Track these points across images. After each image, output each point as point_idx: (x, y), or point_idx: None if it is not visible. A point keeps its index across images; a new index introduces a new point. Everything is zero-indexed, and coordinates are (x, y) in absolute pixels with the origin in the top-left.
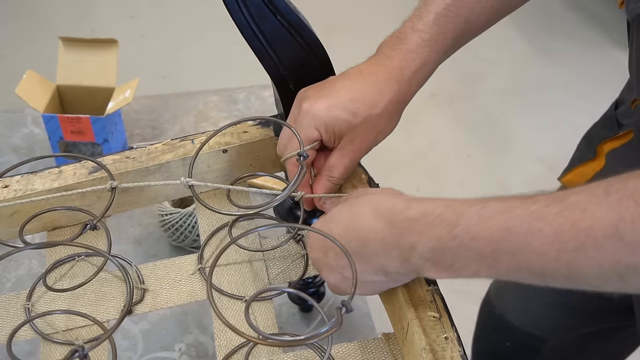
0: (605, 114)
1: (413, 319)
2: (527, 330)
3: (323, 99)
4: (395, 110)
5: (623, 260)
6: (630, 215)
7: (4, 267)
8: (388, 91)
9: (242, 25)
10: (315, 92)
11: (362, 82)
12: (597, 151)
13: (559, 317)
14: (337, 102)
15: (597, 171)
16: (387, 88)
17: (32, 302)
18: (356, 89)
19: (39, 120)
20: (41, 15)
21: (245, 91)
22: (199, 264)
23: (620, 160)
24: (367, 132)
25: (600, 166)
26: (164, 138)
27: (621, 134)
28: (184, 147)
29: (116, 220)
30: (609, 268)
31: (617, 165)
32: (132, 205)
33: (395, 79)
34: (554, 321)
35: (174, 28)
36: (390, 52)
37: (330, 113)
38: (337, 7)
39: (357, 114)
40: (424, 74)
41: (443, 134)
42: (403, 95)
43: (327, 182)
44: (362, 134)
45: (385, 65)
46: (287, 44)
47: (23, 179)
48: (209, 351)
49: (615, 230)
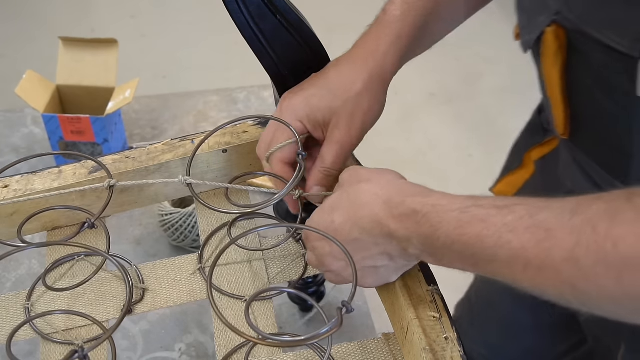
0: (530, 120)
1: (413, 319)
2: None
3: (301, 92)
4: (377, 86)
5: (578, 284)
6: (586, 241)
7: (4, 267)
8: (364, 68)
9: (241, 25)
10: (294, 89)
11: (337, 67)
12: (524, 159)
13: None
14: (315, 91)
15: (526, 179)
16: (363, 66)
17: (32, 302)
18: (332, 74)
19: (39, 120)
20: (41, 15)
21: (245, 91)
22: (199, 263)
23: (549, 167)
24: (351, 115)
25: (529, 173)
26: (164, 138)
27: (548, 140)
28: (184, 147)
29: (116, 220)
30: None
31: (546, 173)
32: (132, 205)
33: (371, 56)
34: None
35: (174, 28)
36: (363, 38)
37: (309, 102)
38: (337, 7)
39: (336, 97)
40: (400, 48)
41: (442, 133)
42: (380, 69)
43: (318, 173)
44: (346, 117)
45: (359, 47)
46: (287, 43)
47: (23, 178)
48: (209, 351)
49: (571, 254)
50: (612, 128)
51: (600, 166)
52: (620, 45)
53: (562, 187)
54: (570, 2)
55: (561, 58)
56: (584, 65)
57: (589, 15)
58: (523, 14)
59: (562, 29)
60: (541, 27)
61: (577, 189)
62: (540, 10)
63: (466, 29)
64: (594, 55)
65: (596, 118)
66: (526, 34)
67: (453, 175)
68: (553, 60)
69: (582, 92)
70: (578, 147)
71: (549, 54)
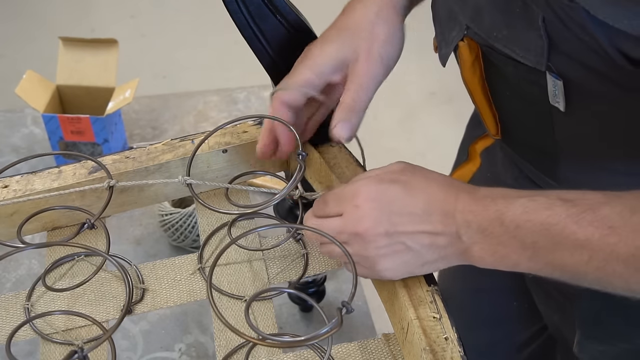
0: (473, 114)
1: (413, 319)
2: None
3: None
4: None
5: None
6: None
7: (4, 267)
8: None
9: (241, 25)
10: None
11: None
12: (470, 152)
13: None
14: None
15: (474, 171)
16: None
17: (32, 302)
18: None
19: (39, 120)
20: (41, 15)
21: (245, 91)
22: (199, 263)
23: (493, 158)
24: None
25: (477, 166)
26: (164, 138)
27: None
28: (184, 147)
29: (116, 220)
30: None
31: (491, 163)
32: (132, 205)
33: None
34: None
35: (174, 28)
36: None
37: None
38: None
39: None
40: None
41: (443, 133)
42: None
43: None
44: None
45: None
46: (287, 43)
47: (23, 179)
48: (209, 351)
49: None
50: (535, 132)
51: (532, 165)
52: (527, 60)
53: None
54: (476, 19)
55: (479, 68)
56: (499, 76)
57: (494, 31)
58: (438, 27)
59: (474, 42)
60: (454, 41)
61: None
62: (452, 24)
63: None
64: (506, 67)
65: (519, 123)
66: (443, 47)
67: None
68: (471, 72)
69: (503, 100)
70: (510, 147)
71: (466, 66)
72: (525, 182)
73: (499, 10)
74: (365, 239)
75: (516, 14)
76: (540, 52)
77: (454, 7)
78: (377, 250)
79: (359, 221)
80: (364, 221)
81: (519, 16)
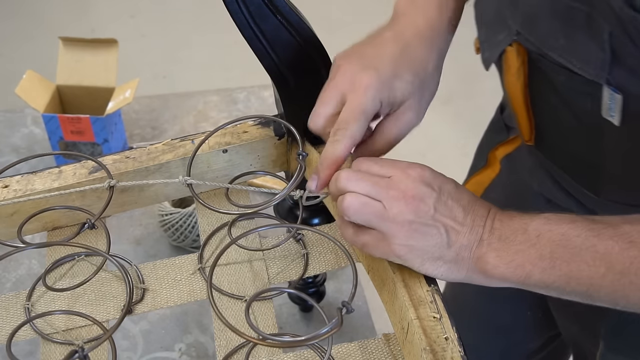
0: (493, 119)
1: (413, 319)
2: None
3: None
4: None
5: None
6: None
7: (4, 267)
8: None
9: (242, 25)
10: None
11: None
12: (489, 158)
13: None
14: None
15: (492, 178)
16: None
17: (32, 302)
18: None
19: (39, 120)
20: (41, 14)
21: (245, 91)
22: (199, 263)
23: (515, 164)
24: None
25: (496, 172)
26: (163, 138)
27: (511, 138)
28: (184, 147)
29: (116, 220)
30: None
31: (513, 171)
32: (132, 205)
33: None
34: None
35: (174, 28)
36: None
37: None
38: (337, 7)
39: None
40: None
41: (442, 133)
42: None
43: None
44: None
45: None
46: (287, 43)
47: (23, 179)
48: (209, 351)
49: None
50: (579, 143)
51: (568, 174)
52: (585, 72)
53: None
54: (531, 26)
55: (523, 74)
56: (547, 84)
57: (549, 40)
58: (482, 29)
59: (523, 47)
60: (502, 45)
61: (545, 191)
62: (500, 28)
63: (466, 28)
64: (557, 77)
65: (562, 132)
66: (486, 50)
67: (452, 175)
68: (515, 77)
69: (546, 108)
70: (544, 154)
71: (511, 72)
72: (554, 188)
73: (558, 19)
74: (409, 204)
75: (577, 25)
76: (600, 65)
77: (503, 11)
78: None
79: (411, 186)
80: (417, 188)
81: (581, 28)
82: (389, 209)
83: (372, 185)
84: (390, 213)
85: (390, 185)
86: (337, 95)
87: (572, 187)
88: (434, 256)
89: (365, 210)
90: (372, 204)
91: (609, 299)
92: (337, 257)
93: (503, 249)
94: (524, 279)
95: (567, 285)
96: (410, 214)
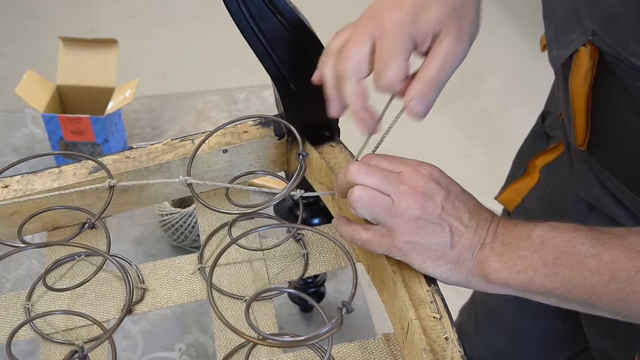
0: (534, 127)
1: (413, 319)
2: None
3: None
4: None
5: None
6: None
7: (4, 267)
8: None
9: (242, 25)
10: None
11: None
12: (528, 167)
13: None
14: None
15: (531, 187)
16: None
17: (32, 302)
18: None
19: (39, 120)
20: (41, 14)
21: (245, 91)
22: (199, 263)
23: (555, 174)
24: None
25: (534, 181)
26: (163, 138)
27: (552, 147)
28: (184, 147)
29: (116, 220)
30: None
31: (552, 181)
32: (133, 205)
33: None
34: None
35: (174, 28)
36: None
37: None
38: (337, 7)
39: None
40: None
41: (442, 133)
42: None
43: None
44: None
45: None
46: (287, 43)
47: (23, 179)
48: (209, 351)
49: None
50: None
51: (620, 181)
52: None
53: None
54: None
55: (591, 76)
56: (618, 88)
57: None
58: (552, 26)
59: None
60: (575, 45)
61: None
62: (573, 26)
63: None
64: (632, 81)
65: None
66: (555, 48)
67: (453, 175)
68: (583, 79)
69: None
70: (596, 159)
71: (580, 73)
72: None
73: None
74: (418, 199)
75: None
76: None
77: (579, 8)
78: (421, 213)
79: (421, 182)
80: (427, 185)
81: None
82: (397, 203)
83: (382, 179)
84: (399, 207)
85: (400, 180)
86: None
87: (622, 194)
88: (436, 255)
89: (374, 204)
90: (381, 197)
91: (611, 308)
92: (337, 257)
93: (506, 254)
94: (526, 284)
95: (568, 293)
96: (418, 209)
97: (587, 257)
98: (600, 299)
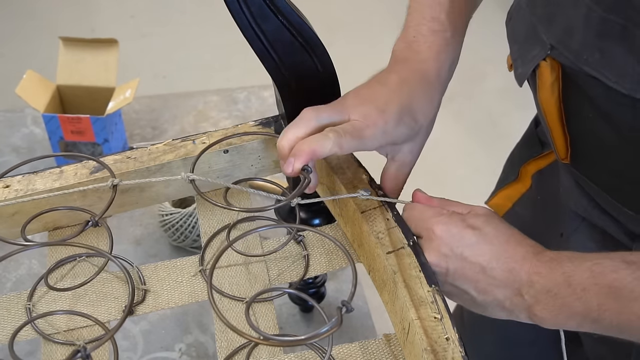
0: (526, 132)
1: (414, 319)
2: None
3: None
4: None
5: None
6: None
7: (4, 267)
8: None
9: (243, 25)
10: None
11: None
12: (520, 172)
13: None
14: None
15: (523, 192)
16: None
17: (33, 302)
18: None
19: (39, 120)
20: (41, 14)
21: (246, 91)
22: (200, 265)
23: (547, 181)
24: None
25: (526, 187)
26: (164, 138)
27: (545, 153)
28: (185, 148)
29: (116, 220)
30: None
31: (544, 187)
32: (133, 205)
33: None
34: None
35: (174, 28)
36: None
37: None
38: (337, 7)
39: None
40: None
41: (443, 133)
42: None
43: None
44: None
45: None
46: (288, 44)
47: (24, 179)
48: (209, 351)
49: None
50: (618, 157)
51: (607, 193)
52: (621, 87)
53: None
54: (564, 40)
55: (558, 89)
56: (583, 98)
57: (584, 54)
58: (515, 46)
59: (557, 62)
60: (536, 60)
61: (580, 210)
62: (533, 43)
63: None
64: (594, 90)
65: (599, 147)
66: (520, 66)
67: (453, 175)
68: (549, 92)
69: (583, 123)
70: (581, 172)
71: (545, 86)
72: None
73: (592, 32)
74: None
75: (612, 38)
76: (637, 78)
77: (537, 26)
78: None
79: (428, 250)
80: (432, 254)
81: (616, 41)
82: None
83: None
84: None
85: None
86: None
87: (609, 205)
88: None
89: None
90: None
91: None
92: (337, 258)
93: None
94: (576, 328)
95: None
96: None
97: (632, 300)
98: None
